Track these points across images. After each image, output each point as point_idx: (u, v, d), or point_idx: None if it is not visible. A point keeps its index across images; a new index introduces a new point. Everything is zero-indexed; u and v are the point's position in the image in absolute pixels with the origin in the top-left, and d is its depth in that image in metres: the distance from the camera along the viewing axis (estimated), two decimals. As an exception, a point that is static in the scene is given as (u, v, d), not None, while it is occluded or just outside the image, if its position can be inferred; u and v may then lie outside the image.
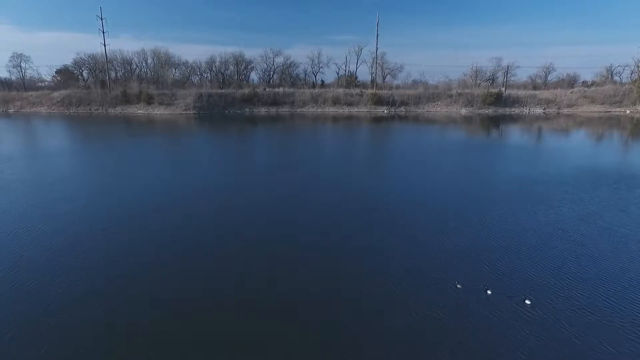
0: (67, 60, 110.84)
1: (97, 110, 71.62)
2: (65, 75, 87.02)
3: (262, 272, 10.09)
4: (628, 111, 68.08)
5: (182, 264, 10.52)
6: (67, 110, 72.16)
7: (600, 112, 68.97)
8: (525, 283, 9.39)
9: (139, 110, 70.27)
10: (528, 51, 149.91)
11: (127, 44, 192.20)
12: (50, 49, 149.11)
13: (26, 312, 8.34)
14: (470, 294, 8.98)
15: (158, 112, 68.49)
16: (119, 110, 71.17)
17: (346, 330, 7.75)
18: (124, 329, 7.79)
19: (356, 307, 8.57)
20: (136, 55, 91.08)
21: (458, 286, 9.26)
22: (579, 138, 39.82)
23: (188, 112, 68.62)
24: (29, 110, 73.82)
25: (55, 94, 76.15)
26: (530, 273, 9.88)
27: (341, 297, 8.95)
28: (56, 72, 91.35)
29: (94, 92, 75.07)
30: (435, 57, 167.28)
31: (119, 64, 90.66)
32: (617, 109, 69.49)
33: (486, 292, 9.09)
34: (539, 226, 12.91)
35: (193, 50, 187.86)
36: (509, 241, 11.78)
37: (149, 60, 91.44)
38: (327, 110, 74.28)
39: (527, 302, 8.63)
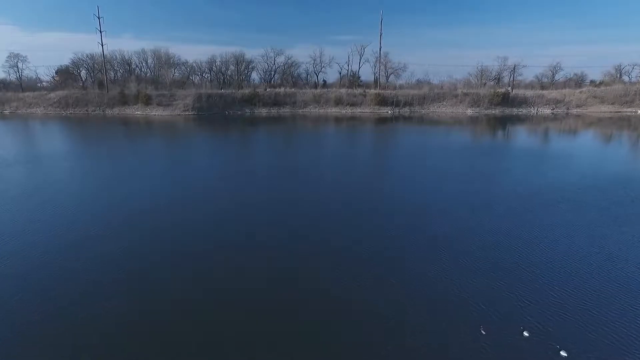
0: (69, 60, 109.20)
1: (94, 111, 70.00)
2: (65, 76, 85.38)
3: (263, 272, 10.11)
4: (639, 111, 66.16)
5: (182, 265, 10.52)
6: (64, 111, 70.55)
7: (610, 112, 67.08)
8: (565, 329, 7.67)
9: (136, 111, 68.61)
10: (530, 50, 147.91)
11: (128, 44, 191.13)
12: (51, 49, 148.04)
13: (30, 308, 8.44)
14: (499, 333, 7.42)
15: (156, 113, 66.84)
16: (116, 111, 69.54)
17: (347, 333, 7.64)
18: (124, 328, 7.83)
19: (358, 310, 8.40)
20: (136, 55, 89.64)
21: (482, 332, 7.63)
22: (596, 141, 37.94)
23: (187, 113, 66.94)
24: (25, 111, 72.28)
25: (52, 94, 74.57)
26: (573, 317, 8.11)
27: (342, 300, 8.80)
28: (56, 72, 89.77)
29: (91, 93, 73.50)
30: (438, 56, 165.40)
31: (118, 64, 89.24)
32: (628, 109, 67.58)
33: (522, 333, 7.51)
34: (582, 255, 10.95)
35: (194, 50, 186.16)
36: (546, 274, 10.00)
37: (149, 61, 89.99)
38: (329, 111, 72.51)
39: (563, 354, 7.00)
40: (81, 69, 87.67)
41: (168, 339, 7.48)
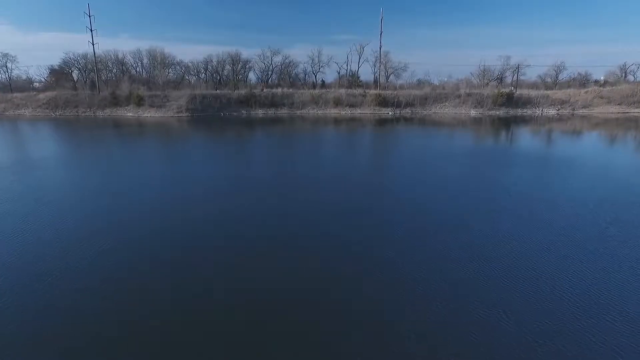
0: (60, 60, 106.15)
1: (85, 112, 67.55)
2: (59, 76, 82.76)
3: (262, 273, 10.10)
4: (648, 112, 64.15)
5: (182, 266, 10.50)
6: (53, 112, 68.06)
7: (617, 112, 65.05)
8: None
9: (128, 112, 66.19)
10: (530, 50, 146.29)
11: (125, 44, 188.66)
12: (50, 49, 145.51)
13: (29, 308, 8.46)
14: None
15: (149, 115, 64.41)
16: (107, 112, 67.09)
17: (347, 333, 7.68)
18: (124, 328, 7.79)
19: (358, 310, 8.44)
20: (131, 54, 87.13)
21: None
22: (614, 145, 35.79)
23: (181, 114, 64.54)
24: (13, 113, 69.76)
25: (41, 95, 72.07)
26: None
27: (342, 299, 8.87)
28: (50, 73, 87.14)
29: (81, 94, 71.05)
30: (437, 56, 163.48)
31: (113, 64, 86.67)
32: (636, 110, 65.55)
33: None
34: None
35: (193, 50, 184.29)
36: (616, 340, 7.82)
37: (145, 61, 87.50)
38: (328, 112, 70.23)
39: None
40: (73, 69, 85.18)
41: (168, 339, 7.44)
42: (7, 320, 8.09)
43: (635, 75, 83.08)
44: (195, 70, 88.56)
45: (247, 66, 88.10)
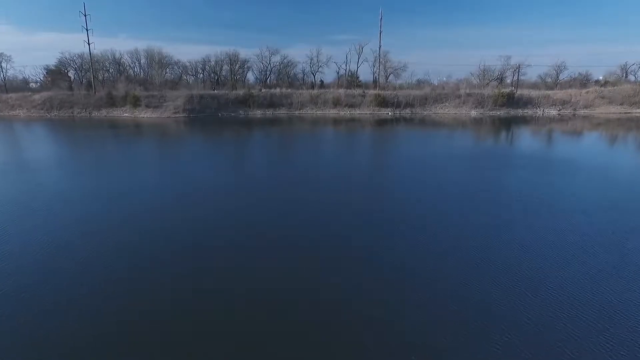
0: (56, 60, 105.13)
1: (80, 113, 66.58)
2: (55, 76, 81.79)
3: (262, 273, 9.98)
4: (650, 112, 63.60)
5: (181, 267, 10.33)
6: (48, 113, 67.03)
7: (619, 113, 64.50)
8: None
9: (124, 113, 65.28)
10: (529, 50, 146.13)
11: (124, 44, 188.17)
12: (50, 49, 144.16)
13: (29, 309, 8.32)
14: None
15: (145, 115, 63.49)
16: (103, 113, 66.14)
17: (347, 333, 7.54)
18: (124, 328, 7.70)
19: (358, 310, 8.27)
20: (129, 55, 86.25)
21: None
22: (621, 148, 35.05)
23: (177, 115, 63.65)
24: (7, 114, 68.73)
25: (36, 96, 71.01)
26: None
27: (342, 299, 8.71)
28: (47, 73, 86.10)
29: (77, 94, 70.07)
30: (438, 56, 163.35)
31: (110, 64, 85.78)
32: (637, 110, 64.99)
33: None
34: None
35: (191, 50, 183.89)
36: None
37: (142, 61, 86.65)
38: (327, 112, 69.45)
39: None
40: (69, 68, 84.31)
41: (168, 339, 7.41)
42: (7, 320, 8.00)
43: (636, 75, 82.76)
44: (193, 70, 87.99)
45: (246, 66, 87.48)
